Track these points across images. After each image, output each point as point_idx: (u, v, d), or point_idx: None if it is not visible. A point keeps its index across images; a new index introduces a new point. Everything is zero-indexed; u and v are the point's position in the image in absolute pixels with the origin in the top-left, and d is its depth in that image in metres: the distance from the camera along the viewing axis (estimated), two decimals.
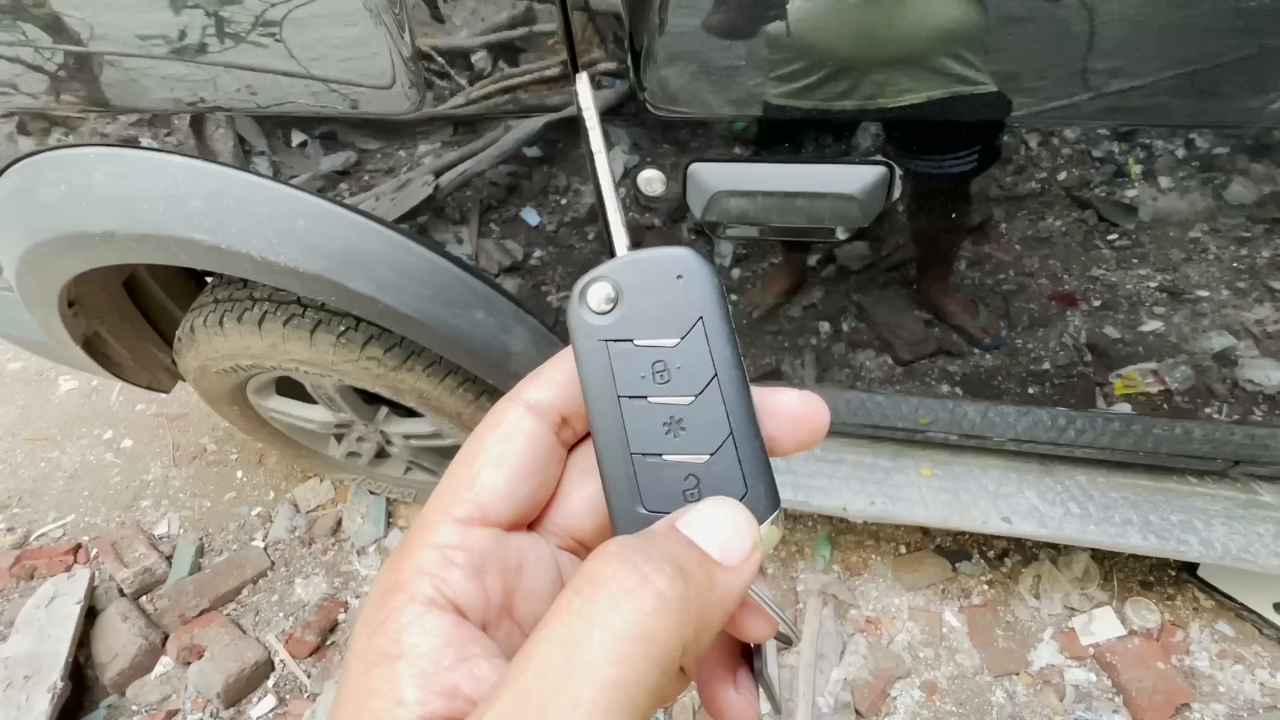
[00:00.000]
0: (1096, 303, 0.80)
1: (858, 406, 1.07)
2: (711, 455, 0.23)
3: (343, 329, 1.06)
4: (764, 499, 0.23)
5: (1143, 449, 1.01)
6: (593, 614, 0.16)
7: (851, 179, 0.65)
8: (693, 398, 0.23)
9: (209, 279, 1.42)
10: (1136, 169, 0.65)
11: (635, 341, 0.24)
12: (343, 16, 0.63)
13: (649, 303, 0.24)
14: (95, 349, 1.19)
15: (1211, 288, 0.76)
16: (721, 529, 0.19)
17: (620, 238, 0.26)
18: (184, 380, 1.40)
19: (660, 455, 0.23)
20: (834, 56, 0.58)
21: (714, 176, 0.67)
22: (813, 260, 0.81)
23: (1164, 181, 0.66)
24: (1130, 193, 0.67)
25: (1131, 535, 1.04)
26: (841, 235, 0.71)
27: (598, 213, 0.79)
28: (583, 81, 0.27)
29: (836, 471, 1.15)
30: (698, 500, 0.22)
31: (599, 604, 0.16)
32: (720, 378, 0.23)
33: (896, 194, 0.68)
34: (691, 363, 0.23)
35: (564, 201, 0.80)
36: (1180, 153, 0.63)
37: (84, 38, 0.71)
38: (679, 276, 0.24)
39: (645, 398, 0.23)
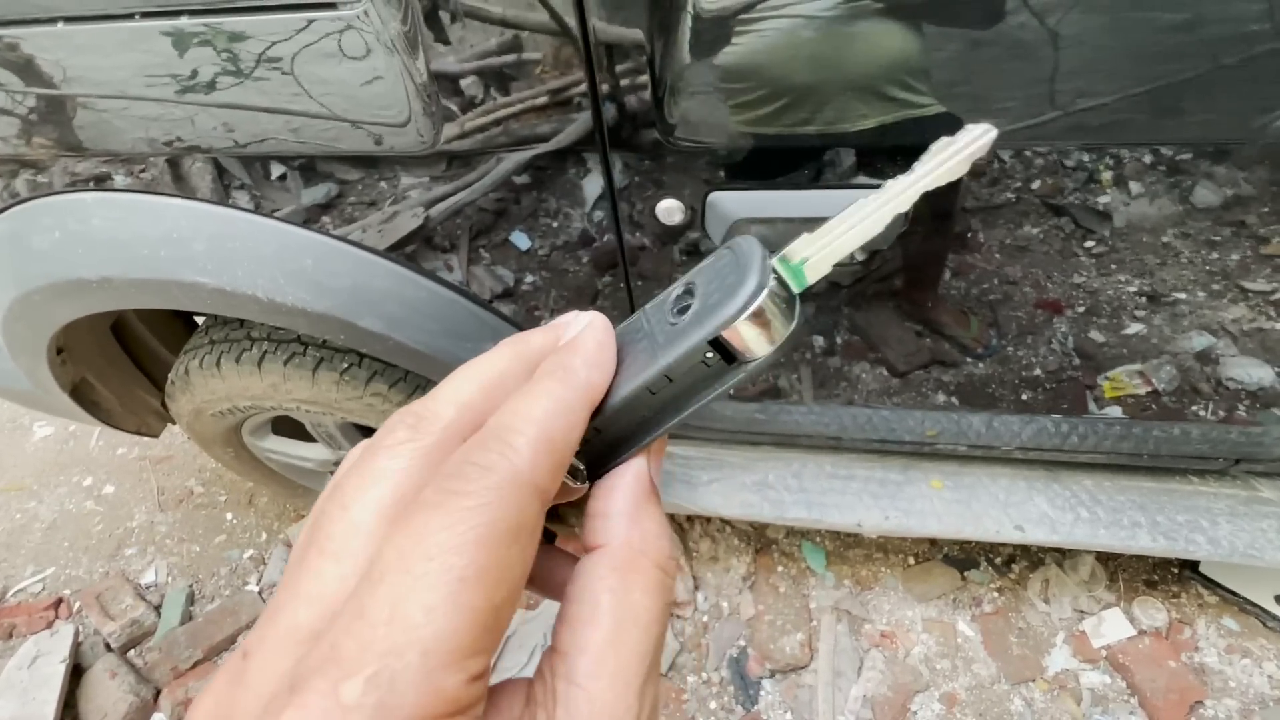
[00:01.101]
0: (1081, 308, 0.82)
1: (864, 421, 1.08)
2: None
3: (345, 366, 1.03)
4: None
5: (1146, 451, 1.03)
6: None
7: None
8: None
9: (198, 320, 1.38)
10: (1107, 175, 0.67)
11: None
12: (352, 49, 0.62)
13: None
14: (83, 396, 1.15)
15: (1188, 290, 0.78)
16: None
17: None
18: (173, 424, 1.36)
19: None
20: (786, 87, 0.60)
21: (734, 204, 0.67)
22: None
23: (1134, 187, 0.68)
24: (1103, 199, 0.69)
25: (1141, 537, 1.05)
26: (860, 257, 0.72)
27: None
28: None
29: (848, 488, 1.15)
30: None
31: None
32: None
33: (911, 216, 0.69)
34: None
35: (555, 225, 0.80)
36: (1146, 159, 0.65)
37: (56, 80, 0.69)
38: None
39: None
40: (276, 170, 0.75)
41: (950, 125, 0.61)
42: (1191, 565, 1.35)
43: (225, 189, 0.77)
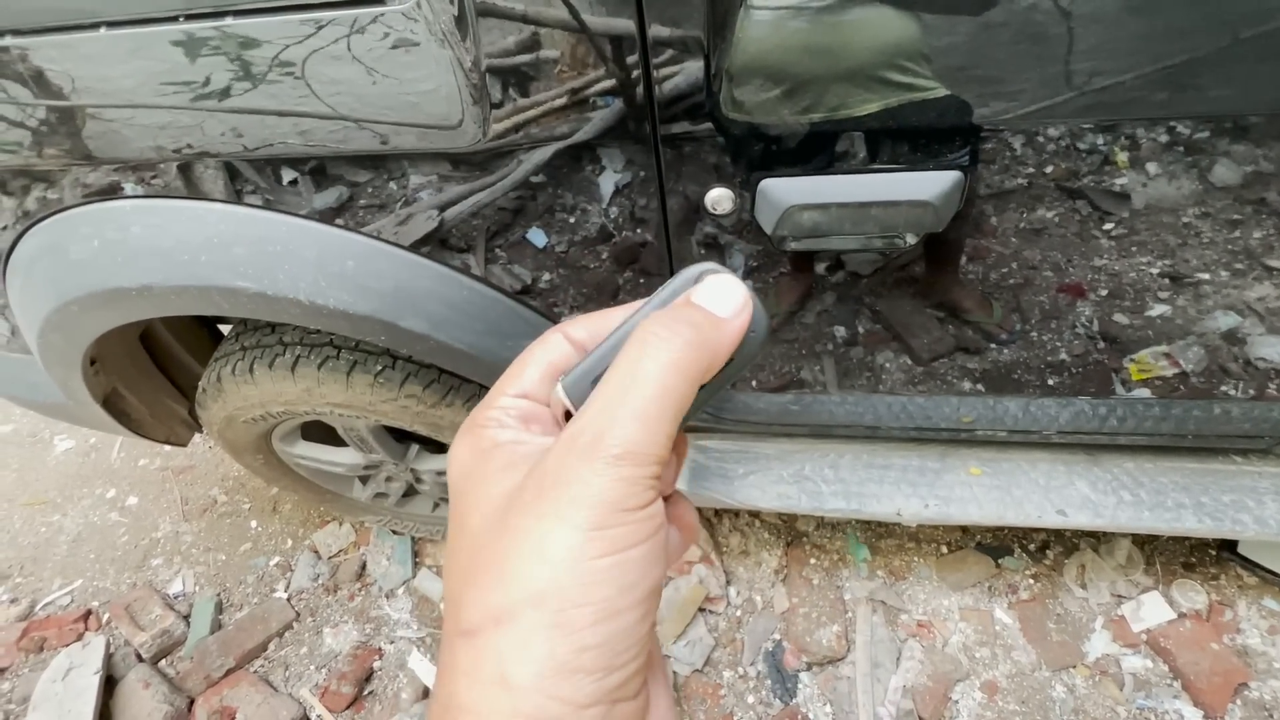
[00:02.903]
0: (1103, 291, 0.81)
1: (899, 410, 1.07)
2: None
3: (380, 368, 1.03)
4: None
5: (1187, 432, 1.02)
6: (644, 352, 0.25)
7: (928, 185, 0.65)
8: None
9: (221, 326, 1.38)
10: (1123, 157, 0.66)
11: None
12: (403, 42, 0.61)
13: None
14: (114, 406, 1.14)
15: (1210, 270, 0.77)
16: (719, 294, 0.28)
17: None
18: (201, 432, 1.35)
19: None
20: (788, 75, 0.59)
21: (786, 191, 0.66)
22: (821, 268, 0.82)
23: (1152, 168, 0.67)
24: (1120, 181, 0.68)
25: (1186, 518, 1.04)
26: (911, 241, 0.71)
27: None
28: None
29: (886, 476, 1.15)
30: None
31: (649, 348, 0.25)
32: None
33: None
34: None
35: (572, 220, 0.79)
36: (1163, 139, 0.64)
37: (65, 91, 0.69)
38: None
39: None
40: (288, 175, 0.74)
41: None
42: (1230, 546, 1.34)
43: (238, 194, 0.76)
